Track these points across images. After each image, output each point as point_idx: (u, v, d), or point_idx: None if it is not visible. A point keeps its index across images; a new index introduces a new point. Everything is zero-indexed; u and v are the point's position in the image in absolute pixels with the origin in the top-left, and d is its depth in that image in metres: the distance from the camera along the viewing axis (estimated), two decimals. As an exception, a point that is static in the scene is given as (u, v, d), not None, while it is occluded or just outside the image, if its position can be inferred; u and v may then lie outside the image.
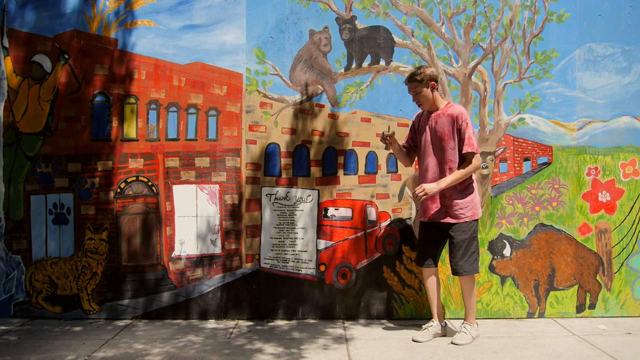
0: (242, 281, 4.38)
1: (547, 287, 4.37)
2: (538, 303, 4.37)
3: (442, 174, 3.73)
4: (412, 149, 4.00)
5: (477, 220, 3.79)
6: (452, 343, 3.74)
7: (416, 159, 3.99)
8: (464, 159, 3.70)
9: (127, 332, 4.04)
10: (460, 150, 3.69)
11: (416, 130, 3.95)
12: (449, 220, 3.73)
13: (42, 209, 4.42)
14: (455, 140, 3.69)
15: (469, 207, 3.73)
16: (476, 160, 3.67)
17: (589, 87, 4.39)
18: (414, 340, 3.78)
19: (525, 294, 4.37)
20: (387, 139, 3.84)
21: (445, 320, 4.02)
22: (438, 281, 3.91)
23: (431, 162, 3.78)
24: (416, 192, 3.64)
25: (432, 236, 3.86)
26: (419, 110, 3.97)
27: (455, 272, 3.77)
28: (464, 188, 3.72)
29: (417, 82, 3.73)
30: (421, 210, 3.89)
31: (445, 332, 3.89)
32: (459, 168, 3.69)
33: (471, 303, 3.80)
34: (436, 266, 3.89)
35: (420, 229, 3.95)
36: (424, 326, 3.92)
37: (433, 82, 3.74)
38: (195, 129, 4.39)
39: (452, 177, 3.65)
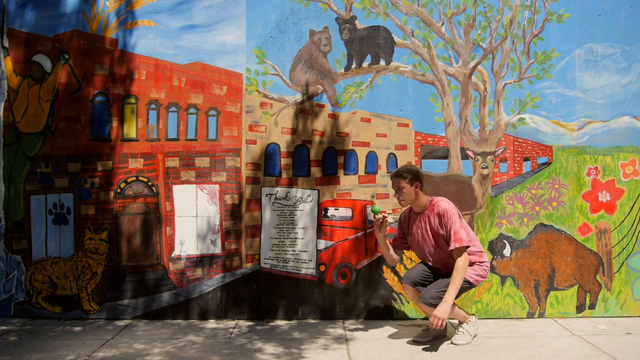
0: (242, 281, 4.38)
1: (547, 287, 4.38)
2: (538, 303, 4.38)
3: (445, 267, 3.71)
4: (402, 247, 3.96)
5: (471, 283, 3.73)
6: (451, 343, 3.74)
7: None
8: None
9: (127, 332, 4.04)
10: (450, 246, 3.61)
11: (404, 230, 3.92)
12: None
13: (42, 209, 4.42)
14: (445, 233, 3.65)
15: (479, 271, 3.73)
16: (463, 256, 3.57)
17: (589, 87, 4.39)
18: (413, 341, 3.78)
19: (525, 294, 4.37)
20: (383, 218, 3.76)
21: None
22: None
23: (430, 259, 3.79)
24: (434, 324, 3.52)
25: (430, 271, 3.85)
26: (404, 210, 3.94)
27: (423, 298, 3.67)
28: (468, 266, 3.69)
29: (402, 178, 3.67)
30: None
31: (445, 332, 3.89)
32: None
33: (454, 315, 3.76)
34: (417, 288, 3.81)
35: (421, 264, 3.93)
36: (423, 326, 3.92)
37: (417, 182, 3.68)
38: (195, 129, 4.39)
39: (454, 285, 3.54)
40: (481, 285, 4.33)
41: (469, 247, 3.63)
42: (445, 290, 3.57)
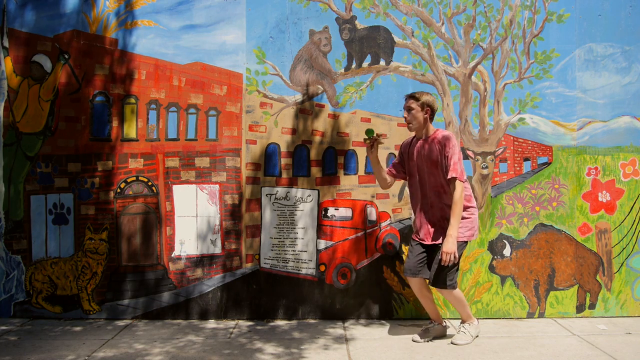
0: (242, 281, 4.38)
1: (547, 287, 4.38)
2: (538, 303, 4.38)
3: (438, 198, 3.71)
4: (397, 175, 3.94)
5: (466, 242, 3.73)
6: (452, 343, 3.74)
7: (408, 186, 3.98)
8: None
9: (127, 332, 4.04)
10: (445, 175, 3.63)
11: (404, 158, 3.91)
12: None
13: (42, 209, 4.42)
14: (443, 163, 3.64)
15: (468, 227, 3.72)
16: (459, 187, 3.59)
17: (589, 87, 4.39)
18: (413, 341, 3.78)
19: (525, 294, 4.37)
20: (374, 140, 3.76)
21: (445, 320, 4.02)
22: (426, 291, 3.84)
23: (426, 189, 3.76)
24: (445, 260, 3.54)
25: (421, 247, 3.81)
26: (407, 138, 3.94)
27: (431, 282, 3.71)
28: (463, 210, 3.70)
29: (415, 99, 3.70)
30: (419, 231, 3.83)
31: (445, 332, 3.89)
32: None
33: (462, 308, 3.80)
34: (422, 278, 3.79)
35: (412, 244, 3.87)
36: (423, 326, 3.92)
37: (428, 109, 3.69)
38: (195, 129, 4.39)
39: (456, 218, 3.57)
40: (481, 285, 4.34)
41: (462, 181, 3.61)
42: (451, 270, 3.63)
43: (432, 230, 3.75)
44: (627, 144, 4.40)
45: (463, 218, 3.68)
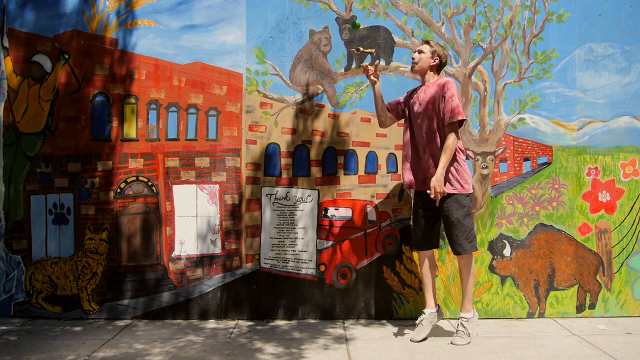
0: (242, 281, 4.38)
1: (547, 287, 4.38)
2: (538, 303, 4.38)
3: (431, 145, 3.71)
4: (392, 110, 3.98)
5: (469, 195, 3.76)
6: (451, 343, 3.74)
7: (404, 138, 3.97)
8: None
9: (127, 332, 4.04)
10: (443, 120, 3.65)
11: (406, 101, 3.93)
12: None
13: (42, 209, 4.42)
14: (440, 109, 3.66)
15: (466, 180, 3.73)
16: (453, 137, 3.61)
17: (589, 87, 4.39)
18: (411, 341, 3.78)
19: (525, 294, 4.37)
20: (370, 68, 3.81)
21: (438, 305, 3.99)
22: (433, 265, 3.88)
23: (419, 138, 3.77)
24: (433, 194, 3.59)
25: (427, 217, 3.83)
26: (411, 88, 3.98)
27: (455, 251, 3.75)
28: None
29: (427, 44, 3.79)
30: (413, 183, 3.85)
31: (441, 316, 3.88)
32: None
33: (468, 287, 3.79)
34: (432, 249, 3.87)
35: (415, 210, 3.92)
36: (417, 321, 3.89)
37: (437, 58, 3.77)
38: (195, 129, 4.39)
39: (444, 158, 3.61)
40: (481, 285, 4.34)
41: (464, 120, 3.66)
42: (466, 232, 3.68)
43: (428, 176, 3.74)
44: (627, 144, 4.40)
45: (460, 167, 3.70)
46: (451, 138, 3.63)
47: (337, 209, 4.40)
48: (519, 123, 4.39)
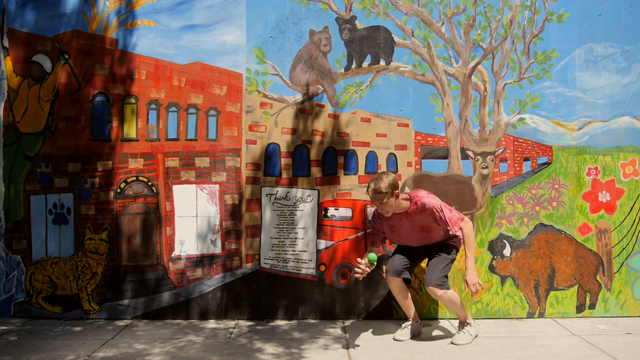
0: (242, 281, 4.38)
1: (547, 287, 4.38)
2: (538, 303, 4.38)
3: (427, 234, 3.78)
4: (379, 243, 3.96)
5: (457, 252, 3.89)
6: (452, 343, 3.74)
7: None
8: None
9: (127, 332, 4.04)
10: (450, 231, 3.72)
11: (381, 228, 3.86)
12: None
13: (42, 209, 4.42)
14: (440, 225, 3.70)
15: (459, 243, 3.86)
16: (466, 226, 3.73)
17: (589, 87, 4.39)
18: (394, 339, 3.80)
19: (525, 294, 4.37)
20: (365, 269, 3.70)
21: (444, 320, 4.02)
22: (405, 287, 3.89)
23: (419, 241, 3.83)
24: (474, 291, 3.68)
25: (410, 255, 3.89)
26: (377, 211, 3.82)
27: (429, 282, 3.71)
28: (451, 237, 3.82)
29: (382, 194, 3.55)
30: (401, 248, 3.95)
31: (421, 329, 3.91)
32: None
33: (459, 310, 3.81)
34: (406, 278, 3.85)
35: (397, 249, 3.99)
36: (402, 325, 3.93)
37: (397, 192, 3.61)
38: (195, 129, 4.39)
39: (470, 250, 3.73)
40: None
41: (466, 219, 3.78)
42: (444, 269, 3.74)
43: (416, 247, 3.88)
44: (627, 144, 4.40)
45: (455, 237, 3.80)
46: (466, 230, 3.73)
47: (337, 209, 4.40)
48: (519, 123, 4.39)
